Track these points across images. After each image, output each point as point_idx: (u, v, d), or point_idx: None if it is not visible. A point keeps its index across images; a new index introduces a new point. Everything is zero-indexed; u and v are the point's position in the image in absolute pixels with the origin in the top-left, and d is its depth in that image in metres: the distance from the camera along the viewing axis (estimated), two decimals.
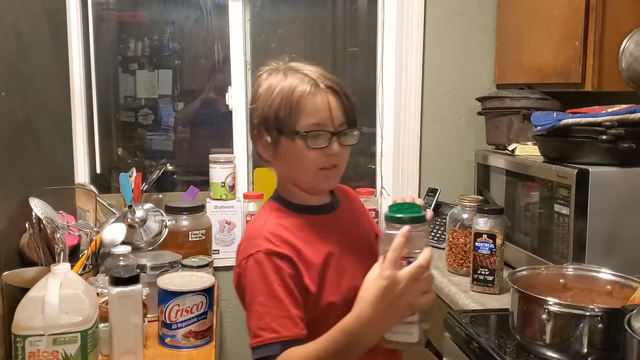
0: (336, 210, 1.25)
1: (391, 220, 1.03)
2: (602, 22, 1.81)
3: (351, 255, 1.19)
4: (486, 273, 1.71)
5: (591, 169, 1.58)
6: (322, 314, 1.12)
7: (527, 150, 1.96)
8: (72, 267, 1.50)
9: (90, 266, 1.77)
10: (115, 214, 2.14)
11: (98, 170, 2.49)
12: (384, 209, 2.57)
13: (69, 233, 1.73)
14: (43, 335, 1.31)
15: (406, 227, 0.99)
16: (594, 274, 1.41)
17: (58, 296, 1.33)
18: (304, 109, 1.12)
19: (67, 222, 1.77)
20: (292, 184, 1.21)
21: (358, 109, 1.23)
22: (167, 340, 1.58)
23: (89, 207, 2.21)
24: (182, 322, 1.57)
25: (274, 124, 1.14)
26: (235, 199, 2.46)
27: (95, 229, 1.89)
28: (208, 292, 1.60)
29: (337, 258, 1.16)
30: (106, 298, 1.49)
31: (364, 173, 2.72)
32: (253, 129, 1.19)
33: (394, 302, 0.98)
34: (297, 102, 1.12)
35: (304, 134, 1.12)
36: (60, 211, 1.81)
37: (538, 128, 1.74)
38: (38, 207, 1.61)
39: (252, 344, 1.08)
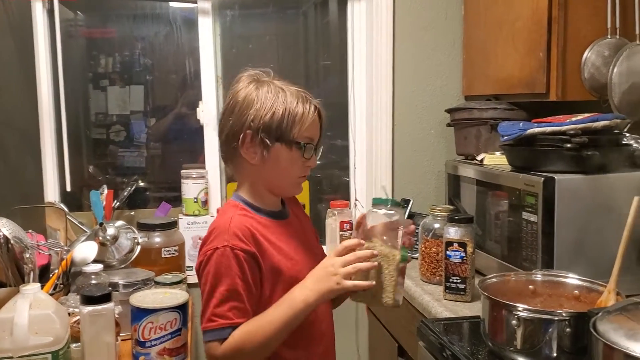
0: (288, 217, 1.41)
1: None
2: (565, 33, 1.86)
3: (304, 258, 1.34)
4: (458, 281, 1.73)
5: (557, 176, 1.62)
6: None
7: (496, 160, 2.00)
8: (42, 287, 1.47)
9: (61, 285, 1.75)
10: (86, 232, 2.12)
11: (68, 188, 2.44)
12: None
13: (39, 252, 1.70)
14: (12, 357, 1.28)
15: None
16: (562, 279, 1.44)
17: (27, 317, 1.30)
18: (304, 123, 1.28)
19: (37, 242, 1.74)
20: (265, 187, 1.34)
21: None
22: (141, 358, 1.56)
23: (59, 226, 2.18)
24: (156, 339, 1.55)
25: (275, 132, 1.27)
26: (208, 214, 2.45)
27: (65, 248, 1.86)
28: (182, 308, 1.59)
29: (292, 262, 1.31)
30: (78, 317, 1.47)
31: (338, 185, 2.74)
32: (245, 130, 1.27)
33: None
34: (300, 116, 1.28)
35: (304, 145, 1.29)
36: (30, 230, 1.78)
37: (505, 138, 1.77)
38: (6, 226, 1.58)
39: (208, 327, 1.22)
